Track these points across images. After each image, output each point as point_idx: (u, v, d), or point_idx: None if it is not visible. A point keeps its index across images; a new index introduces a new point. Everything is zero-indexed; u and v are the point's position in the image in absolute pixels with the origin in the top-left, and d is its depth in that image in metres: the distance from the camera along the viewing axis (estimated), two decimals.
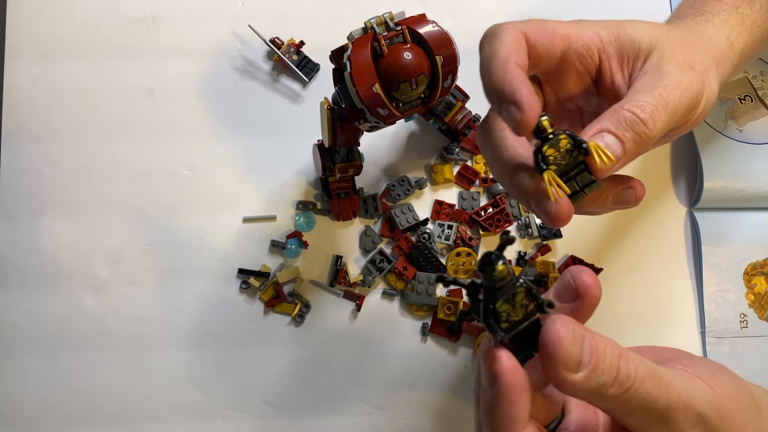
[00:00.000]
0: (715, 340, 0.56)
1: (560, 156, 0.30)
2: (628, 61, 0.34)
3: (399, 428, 0.54)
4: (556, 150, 0.30)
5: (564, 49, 0.34)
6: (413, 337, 0.55)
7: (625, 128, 0.30)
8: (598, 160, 0.29)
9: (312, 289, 0.56)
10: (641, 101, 0.31)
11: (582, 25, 0.35)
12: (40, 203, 0.56)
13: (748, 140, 0.59)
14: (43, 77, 0.58)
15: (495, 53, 0.32)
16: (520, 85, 0.30)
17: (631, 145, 0.31)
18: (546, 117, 0.31)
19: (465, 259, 0.56)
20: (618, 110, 0.31)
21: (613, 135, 0.30)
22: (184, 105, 0.58)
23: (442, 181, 0.57)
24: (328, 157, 0.52)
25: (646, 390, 0.26)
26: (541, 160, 0.30)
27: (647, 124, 0.31)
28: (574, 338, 0.25)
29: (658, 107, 0.31)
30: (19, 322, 0.54)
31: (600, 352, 0.26)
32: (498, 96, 0.31)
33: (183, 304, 0.55)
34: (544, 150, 0.30)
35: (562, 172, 0.31)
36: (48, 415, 0.53)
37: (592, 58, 0.34)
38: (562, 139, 0.30)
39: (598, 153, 0.29)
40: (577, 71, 0.35)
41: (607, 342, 0.26)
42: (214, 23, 0.60)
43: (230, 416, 0.53)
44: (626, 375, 0.26)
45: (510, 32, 0.32)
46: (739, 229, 0.58)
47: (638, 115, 0.30)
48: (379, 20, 0.41)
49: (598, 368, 0.25)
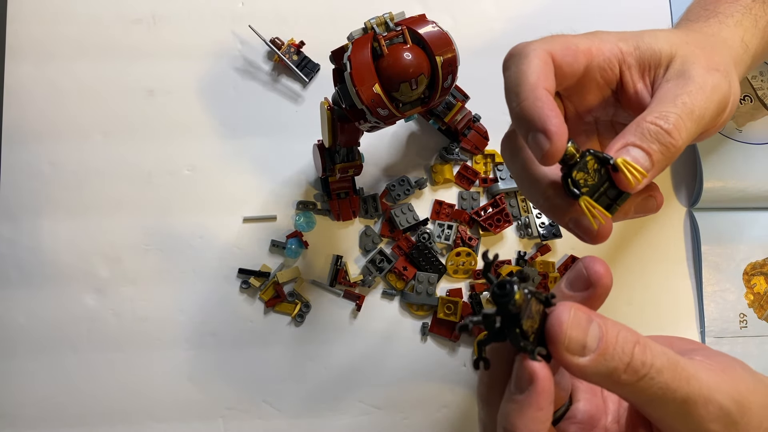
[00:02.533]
0: (715, 340, 0.56)
1: (590, 177, 0.30)
2: (649, 69, 0.34)
3: (399, 428, 0.54)
4: (585, 173, 0.30)
5: (586, 65, 0.33)
6: (413, 337, 0.55)
7: (650, 140, 0.30)
8: (630, 177, 0.29)
9: (312, 289, 0.56)
10: (665, 111, 0.31)
11: (601, 37, 0.34)
12: (41, 203, 0.56)
13: (748, 140, 0.59)
14: (44, 77, 0.58)
15: (524, 77, 0.31)
16: (550, 113, 0.29)
17: (658, 156, 0.30)
18: (572, 143, 0.30)
19: (465, 259, 0.56)
20: (641, 123, 0.31)
21: (639, 148, 0.30)
22: (185, 105, 0.58)
23: (442, 181, 0.57)
24: (328, 157, 0.52)
25: (664, 380, 0.26)
26: (572, 185, 0.30)
27: (672, 135, 0.30)
28: (577, 322, 0.26)
29: (683, 116, 0.31)
30: (20, 322, 0.54)
31: (609, 337, 0.26)
32: (527, 124, 0.30)
33: (183, 304, 0.55)
34: (573, 175, 0.30)
35: (593, 193, 0.30)
36: (49, 414, 0.53)
37: (613, 71, 0.34)
38: (589, 160, 0.30)
39: (628, 169, 0.29)
40: (597, 84, 0.35)
41: (620, 328, 0.26)
42: (214, 23, 0.60)
43: (230, 416, 0.53)
44: (641, 362, 0.25)
45: (538, 53, 0.32)
46: (739, 229, 0.58)
47: (662, 126, 0.30)
48: (379, 20, 0.41)
49: (607, 353, 0.25)
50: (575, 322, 0.26)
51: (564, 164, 0.30)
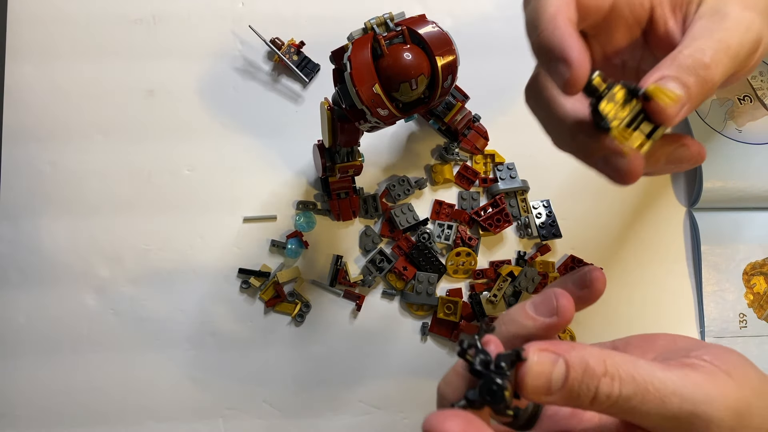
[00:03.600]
0: (714, 339, 0.56)
1: (620, 110, 0.28)
2: (681, 5, 0.32)
3: (399, 428, 0.54)
4: (613, 104, 0.28)
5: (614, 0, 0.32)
6: (413, 337, 0.55)
7: (688, 73, 0.29)
8: (665, 100, 0.27)
9: (312, 289, 0.56)
10: (702, 46, 0.29)
11: None
12: (41, 203, 0.56)
13: (748, 140, 0.59)
14: (44, 77, 0.58)
15: (543, 8, 0.30)
16: (569, 39, 0.28)
17: (695, 90, 0.29)
18: (598, 73, 0.29)
19: (465, 259, 0.56)
20: (677, 56, 0.29)
21: (675, 81, 0.28)
22: (185, 105, 0.58)
23: (441, 181, 0.57)
24: (328, 157, 0.52)
25: (632, 405, 0.26)
26: (600, 118, 0.28)
27: (710, 68, 0.29)
28: (540, 368, 0.26)
29: (720, 51, 0.29)
30: (19, 322, 0.54)
31: (573, 375, 0.26)
32: (546, 53, 0.29)
33: (183, 304, 0.55)
34: (601, 108, 0.28)
35: (624, 127, 0.29)
36: (49, 414, 0.53)
37: (643, 6, 0.32)
38: (618, 91, 0.28)
39: (662, 94, 0.27)
40: (626, 22, 0.33)
41: (587, 362, 0.26)
42: (214, 24, 0.60)
43: (230, 416, 0.53)
44: (606, 395, 0.26)
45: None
46: (738, 229, 0.58)
47: (700, 59, 0.29)
48: (379, 21, 0.41)
49: (573, 391, 0.26)
50: (540, 371, 0.26)
51: (591, 95, 0.29)
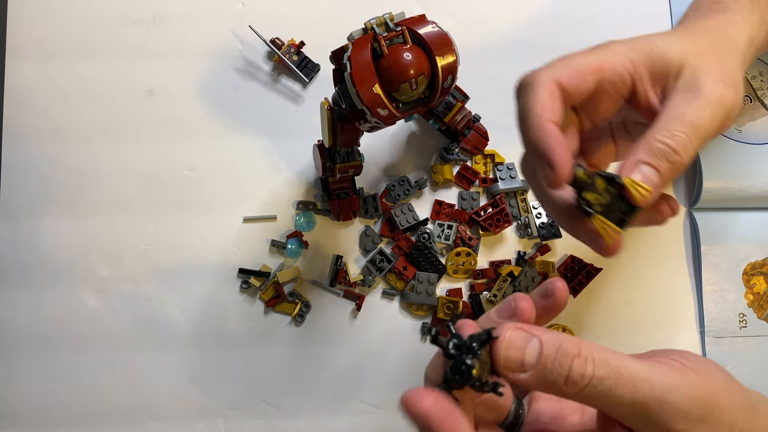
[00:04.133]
0: (714, 339, 0.56)
1: (601, 197, 0.32)
2: (660, 79, 0.35)
3: (399, 428, 0.54)
4: (596, 193, 0.32)
5: (597, 82, 0.35)
6: (413, 337, 0.55)
7: (659, 158, 0.32)
8: (636, 194, 0.31)
9: (312, 288, 0.56)
10: (673, 130, 0.32)
11: (613, 50, 0.35)
12: (41, 203, 0.56)
13: (747, 140, 0.59)
14: (44, 77, 0.58)
15: (530, 109, 0.33)
16: (554, 145, 0.32)
17: (666, 173, 0.32)
18: (581, 169, 0.33)
19: (465, 259, 0.56)
20: (651, 141, 0.32)
21: (649, 165, 0.32)
22: (185, 105, 0.58)
23: (442, 181, 0.57)
24: (328, 157, 0.52)
25: (607, 387, 0.27)
26: (585, 205, 0.32)
27: (679, 153, 0.32)
28: (514, 341, 0.28)
29: (690, 134, 0.32)
30: (19, 322, 0.54)
31: (547, 353, 0.27)
32: (535, 153, 0.33)
33: (183, 304, 0.55)
34: (585, 197, 0.32)
35: (606, 211, 0.33)
36: (49, 415, 0.53)
37: (624, 83, 0.35)
38: (598, 182, 0.32)
39: (635, 188, 0.31)
40: (610, 96, 0.36)
41: (562, 342, 0.28)
42: (214, 24, 0.60)
43: (230, 416, 0.53)
44: (579, 375, 0.27)
45: (543, 84, 0.34)
46: (738, 229, 0.58)
47: (671, 146, 0.32)
48: (379, 21, 0.41)
49: (546, 368, 0.27)
50: (512, 342, 0.28)
51: (575, 187, 0.33)
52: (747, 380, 0.53)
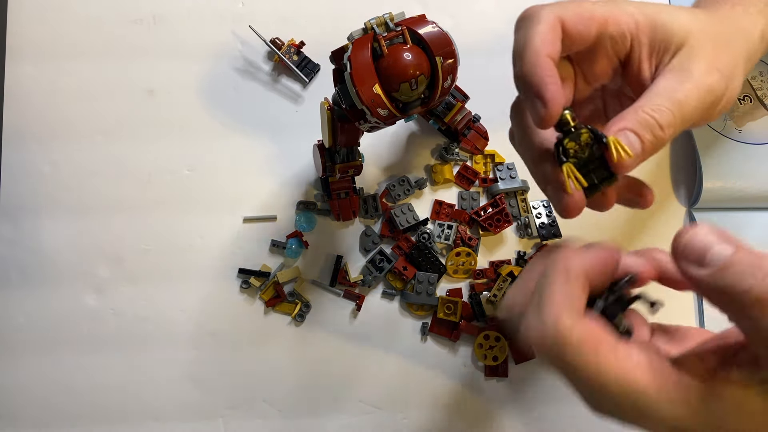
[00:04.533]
0: None
1: (580, 150, 0.31)
2: (658, 52, 0.34)
3: (399, 428, 0.54)
4: (576, 143, 0.31)
5: (598, 33, 0.34)
6: (413, 337, 0.55)
7: (645, 130, 0.32)
8: (616, 154, 0.30)
9: (312, 288, 0.56)
10: (661, 106, 0.32)
11: (620, 7, 0.34)
12: (41, 203, 0.56)
13: (748, 140, 0.59)
14: (44, 77, 0.58)
15: (529, 41, 0.32)
16: (548, 80, 0.31)
17: (648, 145, 0.32)
18: (569, 111, 0.32)
19: (465, 259, 0.56)
20: (639, 111, 0.32)
21: (634, 134, 0.31)
22: (185, 105, 0.58)
23: (441, 181, 0.57)
24: (328, 157, 0.52)
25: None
26: (561, 152, 0.32)
27: (664, 130, 0.32)
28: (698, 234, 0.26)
29: (675, 114, 0.32)
30: (20, 322, 0.54)
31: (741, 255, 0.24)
32: (525, 87, 0.32)
33: (183, 304, 0.55)
34: (565, 143, 0.31)
35: (581, 165, 0.32)
36: (49, 414, 0.53)
37: (623, 44, 0.35)
38: (584, 132, 0.31)
39: (616, 147, 0.30)
40: (606, 53, 0.35)
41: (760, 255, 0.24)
42: (214, 24, 0.60)
43: (230, 416, 0.53)
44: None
45: (547, 18, 0.32)
46: (739, 229, 0.58)
47: (657, 119, 0.32)
48: (379, 21, 0.41)
49: (730, 270, 0.24)
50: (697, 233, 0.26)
51: (560, 130, 0.32)
52: None
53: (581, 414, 0.54)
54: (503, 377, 0.55)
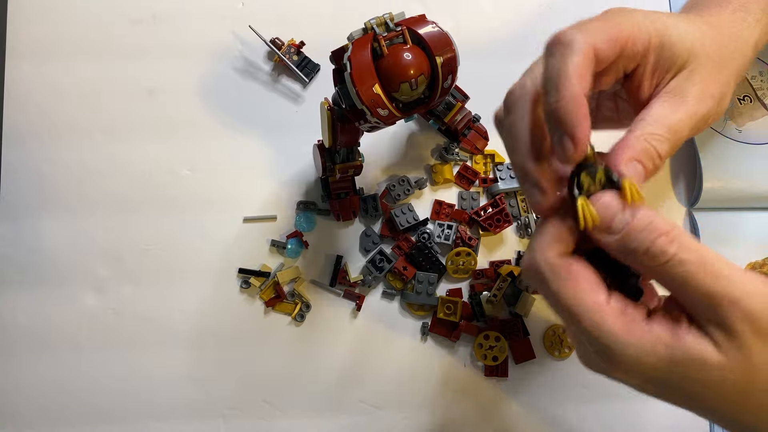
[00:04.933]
0: None
1: (592, 184, 0.32)
2: (660, 72, 0.35)
3: (399, 428, 0.54)
4: (591, 179, 0.31)
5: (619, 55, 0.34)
6: (413, 337, 0.55)
7: (648, 159, 0.33)
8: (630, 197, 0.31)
9: (312, 288, 0.56)
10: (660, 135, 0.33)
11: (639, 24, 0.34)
12: (41, 203, 0.56)
13: (748, 140, 0.59)
14: (44, 77, 0.58)
15: (564, 75, 0.31)
16: (583, 121, 0.31)
17: (649, 175, 0.33)
18: (591, 147, 0.32)
19: (465, 259, 0.56)
20: (641, 140, 0.33)
21: (641, 164, 0.33)
22: (185, 105, 0.58)
23: (441, 181, 0.57)
24: (328, 157, 0.52)
25: (686, 270, 0.29)
26: (576, 184, 0.32)
27: (662, 158, 0.33)
28: (607, 206, 0.30)
29: (671, 142, 0.33)
30: (20, 322, 0.54)
31: (636, 224, 0.29)
32: (558, 123, 0.31)
33: (183, 304, 0.55)
34: (582, 176, 0.32)
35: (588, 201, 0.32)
36: (49, 414, 0.53)
37: (633, 62, 0.35)
38: (600, 171, 0.31)
39: (631, 191, 0.31)
40: (616, 69, 0.36)
41: (652, 219, 0.29)
42: (214, 23, 0.60)
43: (230, 416, 0.53)
44: (660, 251, 0.29)
45: (581, 47, 0.32)
46: (738, 229, 0.58)
47: (657, 149, 0.33)
48: (379, 21, 0.41)
49: (629, 237, 0.30)
50: (604, 206, 0.30)
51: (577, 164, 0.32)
52: None
53: (581, 414, 0.55)
54: (503, 377, 0.55)
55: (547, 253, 0.31)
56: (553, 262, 0.31)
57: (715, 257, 0.29)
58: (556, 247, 0.32)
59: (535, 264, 0.32)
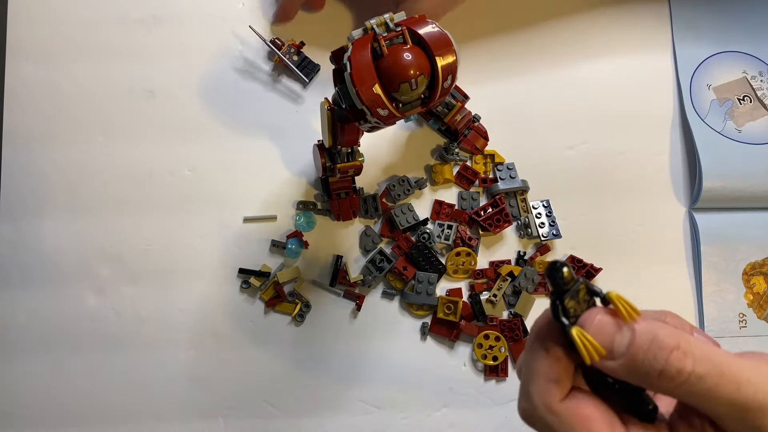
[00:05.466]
0: (714, 339, 0.56)
1: (579, 307, 0.29)
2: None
3: (399, 428, 0.54)
4: (576, 301, 0.29)
5: None
6: (413, 337, 0.55)
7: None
8: (626, 314, 0.28)
9: (312, 288, 0.56)
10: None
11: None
12: (42, 203, 0.56)
13: (747, 140, 0.59)
14: (45, 77, 0.58)
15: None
16: None
17: None
18: (567, 268, 0.29)
19: (465, 259, 0.56)
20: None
21: None
22: (185, 105, 0.58)
23: (441, 181, 0.57)
24: (328, 157, 0.52)
25: (707, 386, 0.25)
26: (562, 312, 0.29)
27: None
28: (600, 328, 0.27)
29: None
30: (20, 322, 0.54)
31: (639, 342, 0.26)
32: None
33: (184, 304, 0.55)
34: (566, 303, 0.29)
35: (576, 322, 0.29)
36: (50, 414, 0.53)
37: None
38: (581, 289, 0.29)
39: (624, 307, 0.28)
40: None
41: (657, 332, 0.26)
42: (214, 24, 0.60)
43: (230, 416, 0.53)
44: (676, 370, 0.26)
45: None
46: (738, 229, 0.58)
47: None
48: (379, 21, 0.41)
49: (637, 358, 0.26)
50: (601, 327, 0.27)
51: (557, 291, 0.29)
52: None
53: None
54: (503, 377, 0.55)
55: (547, 399, 0.28)
56: (558, 410, 0.28)
57: (728, 360, 0.26)
58: (555, 391, 0.28)
59: (538, 414, 0.28)
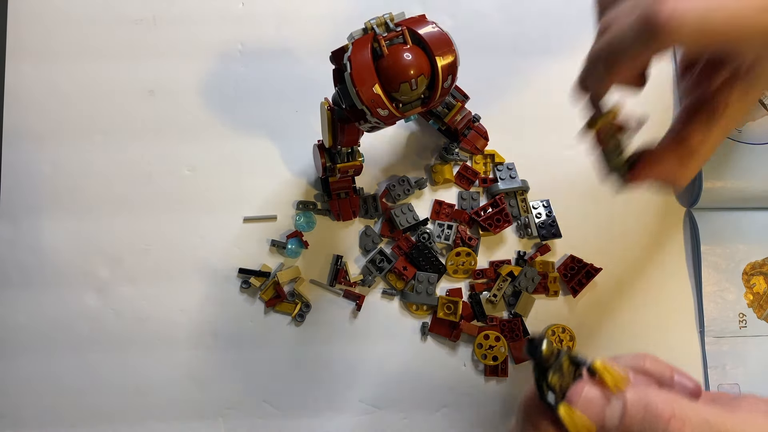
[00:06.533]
0: (714, 339, 0.56)
1: (564, 380, 0.28)
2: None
3: (399, 428, 0.54)
4: (561, 374, 0.28)
5: None
6: (413, 337, 0.55)
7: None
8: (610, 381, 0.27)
9: (312, 288, 0.56)
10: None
11: None
12: (42, 203, 0.56)
13: (747, 140, 0.59)
14: (45, 77, 0.58)
15: None
16: None
17: None
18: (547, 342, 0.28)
19: (465, 259, 0.56)
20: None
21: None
22: (185, 105, 0.58)
23: (441, 181, 0.57)
24: (328, 157, 0.52)
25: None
26: (548, 389, 0.28)
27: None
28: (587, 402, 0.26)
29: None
30: (20, 322, 0.54)
31: (632, 413, 0.25)
32: None
33: (183, 304, 0.55)
34: (550, 379, 0.28)
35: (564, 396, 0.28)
36: (49, 414, 0.53)
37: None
38: (564, 361, 0.28)
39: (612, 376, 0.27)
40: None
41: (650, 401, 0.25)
42: (214, 23, 0.60)
43: (230, 415, 0.53)
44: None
45: None
46: (738, 228, 0.58)
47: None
48: (380, 21, 0.41)
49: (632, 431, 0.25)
50: (586, 404, 0.26)
51: (538, 364, 0.28)
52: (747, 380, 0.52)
53: None
54: (503, 377, 0.55)
55: None
56: None
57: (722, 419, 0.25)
58: None
59: None
